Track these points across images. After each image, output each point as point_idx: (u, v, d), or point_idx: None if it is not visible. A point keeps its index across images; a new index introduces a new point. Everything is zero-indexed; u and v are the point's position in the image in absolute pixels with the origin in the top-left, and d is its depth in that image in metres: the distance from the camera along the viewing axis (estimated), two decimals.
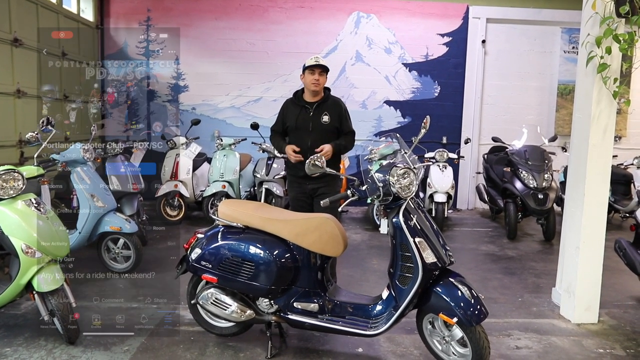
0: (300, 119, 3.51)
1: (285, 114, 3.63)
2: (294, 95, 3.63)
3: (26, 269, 2.77)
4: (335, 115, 3.53)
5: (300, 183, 3.53)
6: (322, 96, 3.54)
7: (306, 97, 3.56)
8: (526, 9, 7.57)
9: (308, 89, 3.50)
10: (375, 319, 2.66)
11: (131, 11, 7.39)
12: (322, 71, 3.44)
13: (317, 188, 3.48)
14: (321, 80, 3.45)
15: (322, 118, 3.49)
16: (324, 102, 3.54)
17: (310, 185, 3.48)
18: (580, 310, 3.46)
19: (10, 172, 2.86)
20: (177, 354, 2.86)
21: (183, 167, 6.09)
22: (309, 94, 3.52)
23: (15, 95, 5.27)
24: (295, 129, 3.54)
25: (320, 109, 3.51)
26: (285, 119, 3.61)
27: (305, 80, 3.49)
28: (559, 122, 7.75)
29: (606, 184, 3.42)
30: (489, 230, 6.48)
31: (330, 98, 3.58)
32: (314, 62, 3.41)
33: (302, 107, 3.54)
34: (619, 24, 3.16)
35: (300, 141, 3.50)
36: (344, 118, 3.57)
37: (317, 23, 7.50)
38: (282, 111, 3.66)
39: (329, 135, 3.50)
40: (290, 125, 3.56)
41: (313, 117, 3.50)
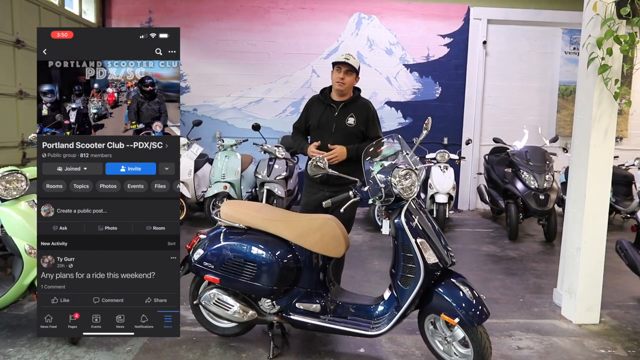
0: (323, 118, 3.27)
1: (309, 111, 3.37)
2: (321, 92, 3.38)
3: (29, 270, 2.77)
4: (362, 118, 3.25)
5: (318, 189, 3.25)
6: (350, 96, 3.30)
7: (333, 96, 3.30)
8: (527, 10, 7.58)
9: (334, 87, 3.27)
10: (377, 319, 2.67)
11: (133, 12, 7.41)
12: (349, 70, 3.18)
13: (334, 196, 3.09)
14: (347, 80, 3.19)
15: (347, 120, 3.23)
16: (352, 103, 3.28)
17: (327, 192, 3.18)
18: (582, 310, 3.47)
19: (13, 173, 2.87)
20: (179, 354, 2.87)
21: (184, 168, 6.10)
22: (336, 92, 3.28)
23: (18, 96, 5.28)
24: (317, 128, 3.29)
25: (347, 109, 3.26)
26: (309, 117, 3.36)
27: (332, 78, 3.26)
28: (560, 123, 7.76)
29: (607, 184, 3.42)
30: (490, 231, 6.48)
31: (360, 99, 3.33)
32: (342, 59, 3.16)
33: (327, 106, 3.29)
34: (620, 25, 3.17)
35: (321, 142, 3.25)
36: (371, 122, 3.28)
37: (318, 24, 7.51)
38: (306, 108, 3.41)
39: (353, 139, 3.22)
40: (312, 123, 3.32)
41: (337, 118, 3.24)
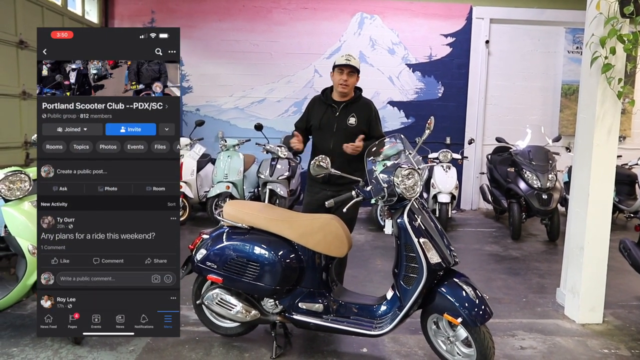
0: (325, 119, 3.29)
1: (310, 111, 3.40)
2: (322, 93, 3.40)
3: (33, 270, 2.78)
4: (363, 117, 3.27)
5: (320, 189, 3.27)
6: (351, 96, 3.32)
7: (334, 96, 3.33)
8: (530, 9, 7.56)
9: (336, 89, 3.29)
10: (379, 319, 2.67)
11: (135, 13, 7.43)
12: (352, 71, 3.21)
13: (337, 196, 3.10)
14: (350, 81, 3.22)
15: (348, 120, 3.25)
16: (353, 103, 3.30)
17: (330, 191, 3.20)
18: (585, 310, 3.46)
19: (17, 173, 2.88)
20: (182, 354, 2.88)
21: (187, 168, 6.11)
22: (337, 93, 3.30)
23: (21, 97, 5.30)
24: (318, 128, 3.31)
25: (348, 109, 3.28)
26: (310, 117, 3.38)
27: (333, 80, 3.29)
28: (563, 123, 7.74)
29: (610, 184, 3.41)
30: (492, 230, 6.47)
31: (361, 99, 3.35)
32: (344, 61, 3.18)
33: (328, 106, 3.31)
34: (623, 24, 3.16)
35: (323, 142, 3.29)
36: (373, 121, 3.31)
37: (320, 24, 7.51)
38: (307, 108, 3.43)
39: (354, 139, 3.20)
40: (314, 124, 3.33)
41: (339, 118, 3.26)
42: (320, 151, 3.21)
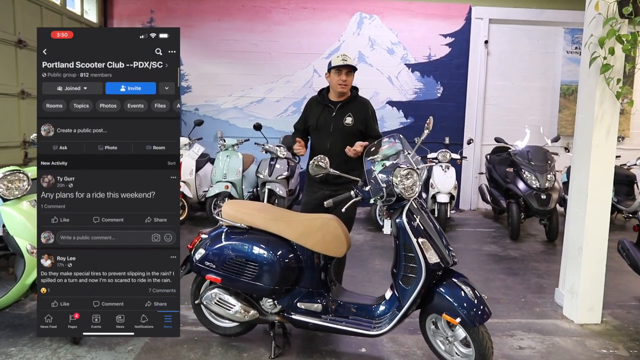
0: (322, 119, 3.31)
1: (308, 112, 3.42)
2: (319, 94, 3.42)
3: (31, 269, 2.78)
4: (360, 117, 3.29)
5: (318, 188, 3.29)
6: (348, 96, 3.34)
7: (331, 96, 3.35)
8: (529, 10, 7.57)
9: (334, 89, 3.29)
10: (378, 319, 2.67)
11: (134, 12, 7.42)
12: (350, 71, 3.22)
13: (335, 195, 3.08)
14: (349, 80, 3.23)
15: (344, 119, 3.26)
16: (349, 103, 3.32)
17: (328, 191, 3.23)
18: (583, 310, 3.46)
19: (15, 172, 2.88)
20: (180, 354, 2.87)
21: (186, 167, 6.11)
22: (335, 93, 3.31)
23: (20, 96, 5.29)
24: (315, 128, 3.34)
25: (344, 109, 3.29)
26: (308, 118, 3.41)
27: (330, 80, 3.28)
28: (562, 123, 7.74)
29: (609, 184, 3.42)
30: (491, 230, 6.47)
31: (358, 98, 3.37)
32: (341, 62, 3.18)
33: (325, 106, 3.33)
34: (622, 24, 3.16)
35: (320, 142, 3.32)
36: (369, 121, 3.32)
37: (319, 24, 7.51)
38: (305, 109, 3.46)
39: (351, 138, 3.22)
40: (311, 124, 3.36)
41: (335, 118, 3.28)
42: (318, 151, 3.24)
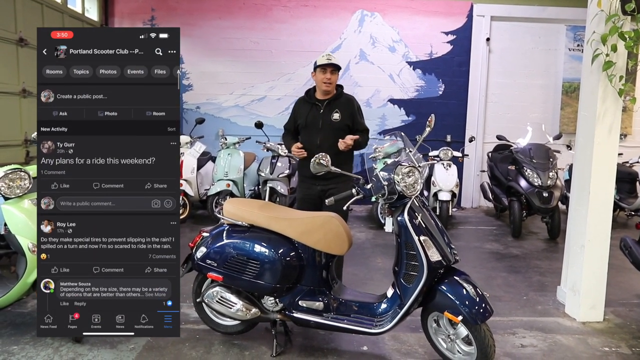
0: (310, 117, 3.46)
1: (296, 112, 3.59)
2: (306, 93, 3.58)
3: (33, 268, 2.78)
4: (346, 113, 3.45)
5: (310, 184, 3.44)
6: (333, 94, 3.49)
7: (317, 95, 3.51)
8: (530, 7, 7.55)
9: (319, 88, 3.45)
10: (380, 317, 2.66)
11: (135, 11, 7.42)
12: (334, 70, 3.39)
13: (327, 190, 3.38)
14: (333, 78, 3.40)
15: (332, 116, 3.42)
16: (335, 100, 3.47)
17: (319, 186, 3.39)
18: (586, 308, 3.45)
19: (17, 171, 2.88)
20: (182, 352, 2.88)
21: (187, 165, 6.11)
22: (320, 92, 3.47)
23: (21, 95, 5.29)
24: (305, 126, 3.49)
25: (331, 106, 3.45)
26: (297, 117, 3.56)
27: (316, 79, 3.45)
28: (564, 120, 7.73)
29: (611, 182, 3.40)
30: (493, 228, 6.46)
31: (343, 95, 3.52)
32: (326, 61, 3.34)
33: (312, 105, 3.49)
34: (625, 21, 3.15)
35: (310, 139, 3.45)
36: (356, 116, 3.49)
37: (321, 22, 7.50)
38: (294, 109, 3.63)
39: (339, 133, 3.39)
40: (300, 123, 3.51)
41: (323, 115, 3.43)
42: (309, 148, 3.42)
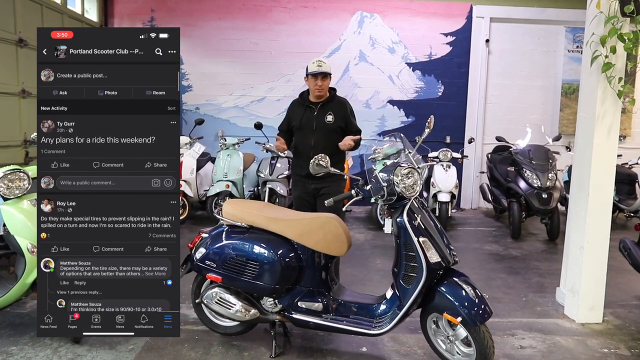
0: (304, 119, 3.56)
1: (291, 114, 3.69)
2: (300, 96, 3.69)
3: (32, 268, 2.78)
4: (339, 115, 3.56)
5: (304, 182, 3.56)
6: (327, 97, 3.60)
7: (311, 98, 3.61)
8: (530, 8, 7.55)
9: (312, 92, 3.57)
10: (379, 318, 2.66)
11: (135, 11, 7.41)
12: (324, 76, 3.49)
13: (320, 188, 3.49)
14: (324, 84, 3.50)
15: (326, 118, 3.52)
16: (329, 103, 3.58)
17: (313, 184, 3.50)
18: (585, 310, 3.45)
19: (16, 172, 2.88)
20: (181, 353, 2.87)
21: (187, 166, 6.11)
22: (314, 96, 3.58)
23: (20, 95, 5.29)
24: (299, 128, 3.59)
25: (325, 109, 3.55)
26: (291, 119, 3.67)
27: (309, 84, 3.56)
28: (563, 122, 7.73)
29: (611, 183, 3.41)
30: (492, 229, 6.47)
31: (336, 98, 3.63)
32: (316, 69, 3.44)
33: (306, 107, 3.59)
34: (624, 23, 3.15)
35: (304, 140, 3.56)
36: (349, 118, 3.60)
37: (320, 23, 7.51)
38: (288, 111, 3.73)
39: (333, 135, 3.51)
40: (295, 124, 3.62)
41: (317, 117, 3.54)
42: (302, 149, 3.57)
